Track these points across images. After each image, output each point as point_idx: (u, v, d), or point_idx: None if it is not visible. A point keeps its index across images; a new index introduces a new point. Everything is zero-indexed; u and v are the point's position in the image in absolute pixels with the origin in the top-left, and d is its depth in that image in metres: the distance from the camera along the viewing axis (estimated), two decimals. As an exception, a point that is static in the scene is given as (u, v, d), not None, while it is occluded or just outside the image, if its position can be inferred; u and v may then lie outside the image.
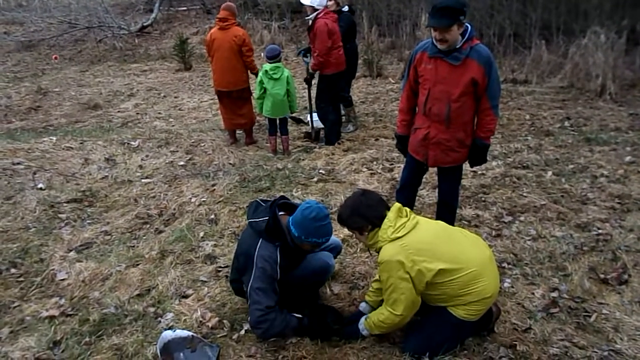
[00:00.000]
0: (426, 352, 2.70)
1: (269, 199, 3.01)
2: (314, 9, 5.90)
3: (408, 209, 2.78)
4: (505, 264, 3.65)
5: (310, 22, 5.95)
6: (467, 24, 3.19)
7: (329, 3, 6.71)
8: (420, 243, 2.60)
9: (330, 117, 6.29)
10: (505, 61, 9.94)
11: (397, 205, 2.75)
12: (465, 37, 3.20)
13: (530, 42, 9.88)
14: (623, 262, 3.56)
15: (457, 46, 3.20)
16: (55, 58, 13.41)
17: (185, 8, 17.17)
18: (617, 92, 7.91)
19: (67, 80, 11.26)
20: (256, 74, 6.16)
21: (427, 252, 2.58)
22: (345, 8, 6.68)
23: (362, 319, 2.88)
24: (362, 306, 3.09)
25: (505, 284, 3.41)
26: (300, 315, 2.88)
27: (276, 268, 2.79)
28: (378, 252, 2.70)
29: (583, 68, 8.56)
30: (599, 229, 4.07)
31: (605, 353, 2.74)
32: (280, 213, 2.93)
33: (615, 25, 8.55)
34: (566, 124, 6.84)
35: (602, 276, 3.44)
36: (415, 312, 2.71)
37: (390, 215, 2.68)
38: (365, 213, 2.70)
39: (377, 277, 3.03)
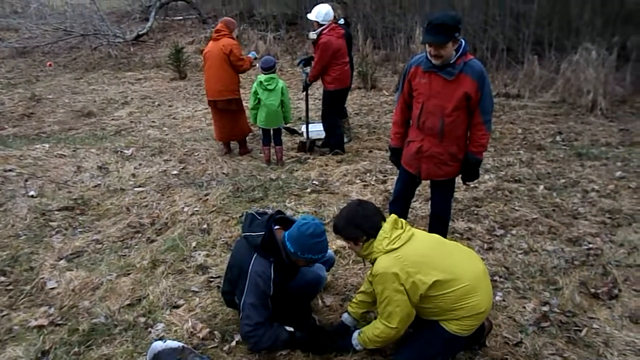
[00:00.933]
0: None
1: (265, 211, 3.01)
2: (319, 24, 5.93)
3: (404, 221, 2.79)
4: (497, 277, 3.66)
5: (316, 36, 5.96)
6: (461, 39, 3.23)
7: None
8: (416, 255, 2.61)
9: (337, 132, 6.33)
10: (498, 75, 10.04)
11: (393, 216, 2.76)
12: (459, 53, 3.23)
13: (522, 57, 10.00)
14: (613, 277, 3.58)
15: (451, 61, 3.24)
16: (50, 65, 13.41)
17: (181, 17, 17.23)
18: (607, 108, 8.02)
19: (61, 87, 11.24)
20: (243, 72, 6.26)
21: (422, 264, 2.59)
22: (341, 21, 6.72)
23: (355, 334, 2.86)
24: (345, 317, 3.07)
25: (497, 298, 3.42)
26: (291, 329, 2.86)
27: (269, 284, 2.78)
28: (372, 263, 2.70)
29: (574, 84, 8.67)
30: (589, 243, 4.09)
31: (596, 368, 2.75)
32: (276, 227, 2.92)
33: (606, 42, 8.68)
34: (558, 138, 6.91)
35: (592, 290, 3.46)
36: (409, 324, 2.70)
37: (386, 226, 2.68)
38: (360, 224, 2.70)
39: (362, 289, 3.03)
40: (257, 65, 6.35)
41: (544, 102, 8.81)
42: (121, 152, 6.35)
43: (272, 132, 6.08)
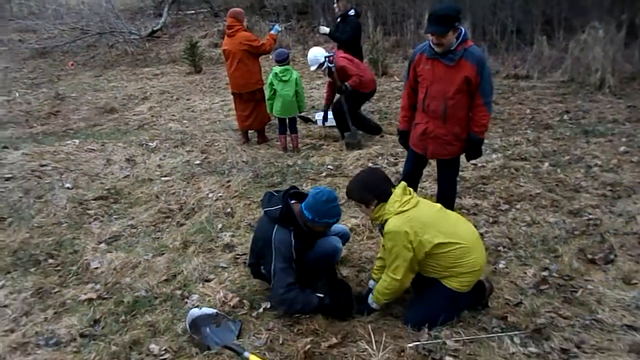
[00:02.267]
0: (425, 323, 3.02)
1: (280, 190, 3.36)
2: (321, 64, 6.27)
3: (411, 189, 3.13)
4: (500, 248, 3.96)
5: (329, 70, 6.30)
6: (461, 28, 3.50)
7: (334, 6, 7.05)
8: (423, 217, 2.96)
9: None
10: (508, 57, 10.20)
11: (403, 183, 3.10)
12: (459, 40, 3.51)
13: (532, 38, 10.13)
14: (610, 244, 3.84)
15: (452, 48, 3.52)
16: (72, 65, 13.83)
17: (193, 12, 17.56)
18: (616, 86, 8.15)
19: (82, 85, 11.66)
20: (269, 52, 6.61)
21: (428, 226, 2.93)
22: (352, 12, 6.98)
23: (370, 295, 3.21)
24: (371, 284, 3.42)
25: (500, 265, 3.72)
26: (322, 295, 3.22)
27: (291, 249, 3.16)
28: (381, 225, 3.04)
29: (583, 62, 8.81)
30: (589, 214, 4.35)
31: (588, 322, 3.04)
32: (292, 201, 3.29)
33: (615, 20, 8.78)
34: (565, 117, 7.10)
35: (590, 257, 3.73)
36: (412, 278, 3.05)
37: (397, 191, 3.02)
38: (373, 189, 3.03)
39: (379, 256, 3.36)
40: (270, 56, 6.61)
41: (552, 82, 8.97)
42: (146, 145, 6.72)
43: (287, 121, 6.39)
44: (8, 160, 6.01)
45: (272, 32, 6.75)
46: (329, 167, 5.75)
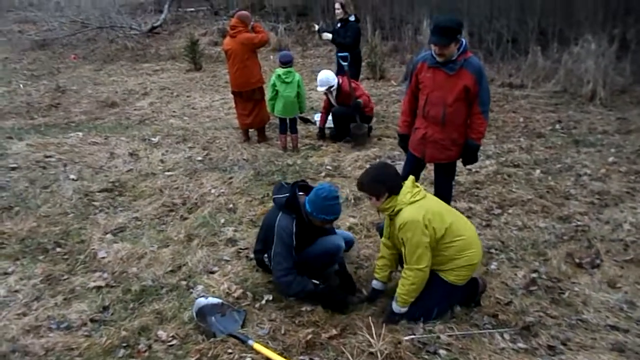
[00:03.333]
0: (421, 317, 3.19)
1: (291, 182, 3.58)
2: (330, 86, 6.61)
3: (418, 184, 3.31)
4: (492, 250, 4.14)
5: (336, 92, 6.70)
6: (462, 39, 3.68)
7: (337, 11, 7.22)
8: (433, 207, 3.17)
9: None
10: (503, 66, 10.40)
11: (412, 177, 3.29)
12: (460, 51, 3.69)
13: (526, 48, 10.34)
14: (597, 249, 4.04)
15: (453, 58, 3.70)
16: (75, 58, 13.83)
17: (193, 9, 17.67)
18: (607, 98, 8.36)
19: (82, 78, 11.71)
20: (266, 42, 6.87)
21: (437, 215, 3.13)
22: (352, 17, 7.15)
23: (392, 303, 3.28)
24: (374, 283, 3.54)
25: (492, 267, 3.90)
26: (317, 282, 3.40)
27: (292, 237, 3.37)
28: (391, 217, 3.21)
29: (576, 74, 9.02)
30: (578, 221, 4.55)
31: (573, 321, 3.23)
32: (300, 193, 3.49)
33: (607, 33, 9.02)
34: (557, 126, 7.30)
35: (577, 261, 3.92)
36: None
37: (408, 183, 3.21)
38: (386, 181, 3.19)
39: (380, 255, 3.51)
40: (272, 57, 6.77)
41: (545, 91, 9.18)
42: (148, 140, 6.85)
43: (288, 121, 6.54)
44: (12, 151, 6.13)
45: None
46: (327, 167, 5.91)
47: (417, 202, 3.13)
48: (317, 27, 7.99)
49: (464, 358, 2.92)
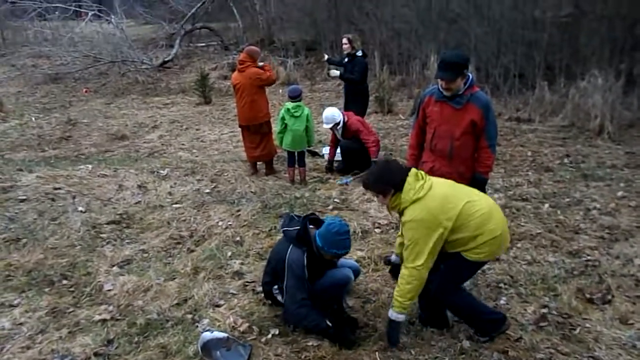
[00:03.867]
0: (449, 287, 3.28)
1: (300, 214, 3.59)
2: (336, 123, 6.76)
3: (423, 172, 3.28)
4: (502, 285, 4.09)
5: (342, 130, 6.84)
6: (468, 73, 3.74)
7: (345, 46, 7.34)
8: (438, 199, 3.09)
9: None
10: (511, 100, 10.47)
11: (414, 170, 3.24)
12: (467, 85, 3.74)
13: (534, 83, 10.43)
14: (607, 285, 3.98)
15: (460, 92, 3.75)
16: (87, 92, 14.10)
17: (204, 44, 18.06)
18: (615, 132, 8.36)
19: (93, 111, 11.92)
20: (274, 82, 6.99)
21: (444, 204, 3.07)
22: (359, 53, 7.26)
23: (389, 310, 3.25)
24: (393, 258, 3.73)
25: (501, 301, 3.85)
26: (330, 323, 3.36)
27: (304, 269, 3.37)
28: (399, 213, 3.19)
29: (583, 108, 9.05)
30: (588, 255, 4.49)
31: (585, 359, 3.16)
32: (310, 226, 3.49)
33: (613, 69, 9.09)
34: (565, 160, 7.29)
35: (588, 296, 3.86)
36: (430, 267, 3.15)
37: (410, 179, 3.15)
38: (390, 179, 3.16)
39: (399, 234, 3.51)
40: (280, 91, 6.88)
41: (553, 126, 9.20)
42: (157, 172, 6.90)
43: (296, 154, 6.59)
44: (22, 183, 6.18)
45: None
46: (335, 200, 5.91)
47: (420, 200, 3.08)
48: (326, 57, 8.19)
49: (474, 396, 2.86)
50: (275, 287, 3.57)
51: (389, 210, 3.31)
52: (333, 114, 6.72)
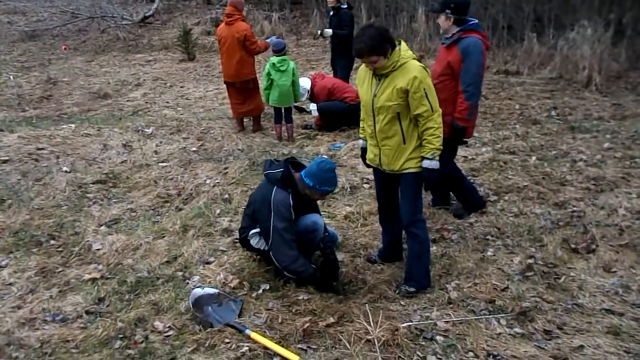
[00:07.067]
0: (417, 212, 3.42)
1: (280, 160, 3.61)
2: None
3: None
4: (489, 237, 4.14)
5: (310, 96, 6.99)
6: (465, 18, 3.83)
7: (330, 0, 7.16)
8: None
9: None
10: (499, 53, 10.37)
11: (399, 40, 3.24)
12: (459, 29, 3.82)
13: (522, 35, 10.31)
14: (592, 235, 4.03)
15: (451, 33, 3.89)
16: (66, 49, 13.66)
17: (185, -2, 17.50)
18: (602, 84, 8.36)
19: (74, 70, 11.62)
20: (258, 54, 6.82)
21: None
22: (344, 5, 7.09)
23: (427, 162, 3.21)
24: (361, 142, 3.66)
25: (489, 253, 3.90)
26: (315, 267, 3.44)
27: (290, 210, 3.38)
28: (387, 73, 3.13)
29: (571, 60, 9.01)
30: (574, 206, 4.55)
31: (569, 306, 3.23)
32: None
33: (603, 19, 8.99)
34: (553, 113, 7.29)
35: (573, 246, 3.92)
36: None
37: (403, 44, 3.19)
38: (389, 37, 3.09)
39: (362, 118, 3.52)
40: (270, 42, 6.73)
41: (541, 78, 9.16)
42: (142, 131, 6.79)
43: (283, 110, 6.50)
44: (4, 143, 6.06)
45: (267, 40, 6.91)
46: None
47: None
48: (318, 32, 7.88)
49: (461, 344, 2.93)
50: (252, 231, 3.53)
51: (374, 72, 3.18)
52: (303, 85, 6.77)
